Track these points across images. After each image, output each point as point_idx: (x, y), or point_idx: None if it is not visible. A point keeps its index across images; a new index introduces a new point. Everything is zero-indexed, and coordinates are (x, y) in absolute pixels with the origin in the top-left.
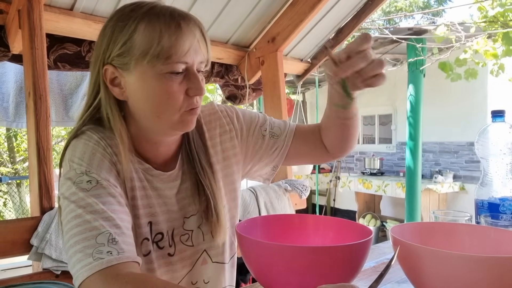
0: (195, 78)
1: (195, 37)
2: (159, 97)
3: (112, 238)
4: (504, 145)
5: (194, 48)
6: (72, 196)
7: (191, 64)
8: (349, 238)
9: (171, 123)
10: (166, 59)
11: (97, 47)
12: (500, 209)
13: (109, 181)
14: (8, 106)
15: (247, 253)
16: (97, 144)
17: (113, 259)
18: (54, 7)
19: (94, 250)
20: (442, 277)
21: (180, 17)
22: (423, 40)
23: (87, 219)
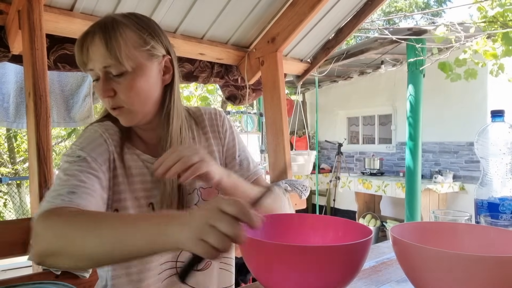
0: (99, 84)
1: (87, 50)
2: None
3: (72, 191)
4: (503, 145)
5: (91, 57)
6: (62, 166)
7: (93, 73)
8: (349, 237)
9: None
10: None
11: None
12: (500, 209)
13: (96, 160)
14: (8, 107)
15: (247, 253)
16: (100, 136)
17: (61, 203)
18: (54, 7)
19: (53, 197)
20: (442, 277)
21: (88, 32)
22: (422, 41)
23: (62, 179)
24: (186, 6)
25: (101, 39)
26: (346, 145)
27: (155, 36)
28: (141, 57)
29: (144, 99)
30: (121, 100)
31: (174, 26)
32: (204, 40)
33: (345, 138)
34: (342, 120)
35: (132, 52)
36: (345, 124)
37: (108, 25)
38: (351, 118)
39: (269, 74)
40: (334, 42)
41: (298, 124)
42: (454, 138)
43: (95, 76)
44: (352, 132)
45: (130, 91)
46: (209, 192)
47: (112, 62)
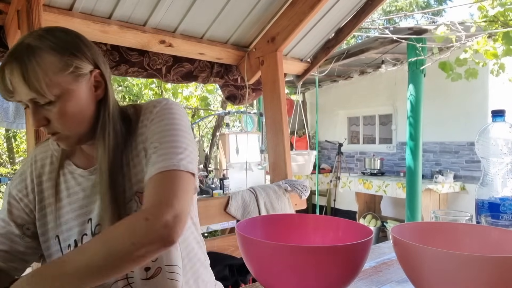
0: (31, 113)
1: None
2: None
3: None
4: (504, 145)
5: (16, 89)
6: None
7: (24, 101)
8: (349, 238)
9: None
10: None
11: None
12: (501, 209)
13: (14, 198)
14: (8, 107)
15: (247, 253)
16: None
17: None
18: (53, 7)
19: None
20: (443, 277)
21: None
22: (423, 40)
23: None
24: (185, 6)
25: (18, 73)
26: (347, 145)
27: (78, 53)
28: (66, 81)
29: (78, 122)
30: (55, 127)
31: (173, 26)
32: (203, 40)
33: (345, 138)
34: (343, 120)
35: (54, 79)
36: (345, 124)
37: (24, 55)
38: (351, 118)
39: (269, 74)
40: (334, 41)
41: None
42: (454, 138)
43: (24, 105)
44: (353, 132)
45: (62, 117)
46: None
47: (34, 95)
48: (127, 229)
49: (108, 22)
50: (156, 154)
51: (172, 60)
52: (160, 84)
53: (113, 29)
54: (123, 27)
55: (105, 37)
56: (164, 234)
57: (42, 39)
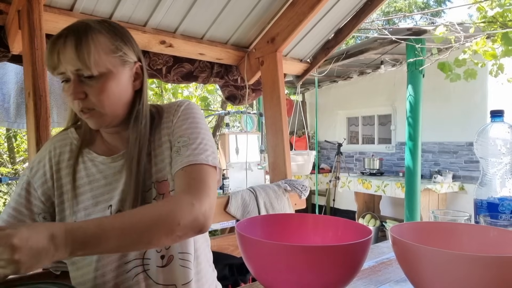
0: (69, 85)
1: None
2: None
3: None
4: (503, 145)
5: (62, 60)
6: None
7: (67, 73)
8: (348, 237)
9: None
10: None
11: None
12: (499, 209)
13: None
14: (9, 107)
15: (247, 253)
16: (50, 151)
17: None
18: (54, 7)
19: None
20: (441, 277)
21: (60, 35)
22: (422, 41)
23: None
24: (185, 6)
25: (72, 43)
26: (346, 145)
27: (127, 43)
28: (112, 63)
29: (114, 103)
30: (91, 103)
31: (173, 26)
32: (204, 40)
33: (344, 138)
34: (342, 120)
35: (102, 58)
36: (344, 124)
37: (81, 29)
38: (350, 118)
39: (269, 74)
40: (334, 42)
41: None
42: (453, 138)
43: (65, 78)
44: (352, 132)
45: (101, 94)
46: (163, 186)
47: (80, 66)
48: (177, 209)
49: None
50: (186, 148)
51: (173, 60)
52: (161, 84)
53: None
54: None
55: None
56: (202, 222)
57: (100, 23)
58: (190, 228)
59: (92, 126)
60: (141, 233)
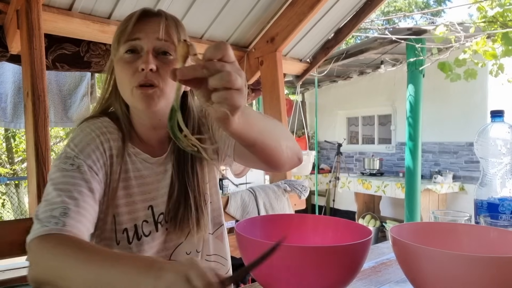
0: (145, 54)
1: (147, 23)
2: (118, 76)
3: (65, 213)
4: (503, 145)
5: (152, 33)
6: (52, 175)
7: (144, 44)
8: (348, 238)
9: (128, 99)
10: (122, 44)
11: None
12: (500, 209)
13: (91, 168)
14: (6, 107)
15: (247, 253)
16: (97, 136)
17: (54, 228)
18: (53, 7)
19: (46, 220)
20: (442, 277)
21: (142, 11)
22: (422, 40)
23: (52, 195)
24: (185, 6)
25: (167, 19)
26: (346, 145)
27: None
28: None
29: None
30: (158, 77)
31: None
32: (203, 40)
33: (344, 138)
34: (342, 120)
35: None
36: (344, 124)
37: (171, 15)
38: (350, 118)
39: (269, 74)
40: (334, 42)
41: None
42: (453, 138)
43: (134, 47)
44: (352, 132)
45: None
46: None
47: (168, 42)
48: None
49: (107, 22)
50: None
51: None
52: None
53: (112, 29)
54: None
55: (105, 37)
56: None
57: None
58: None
59: (145, 106)
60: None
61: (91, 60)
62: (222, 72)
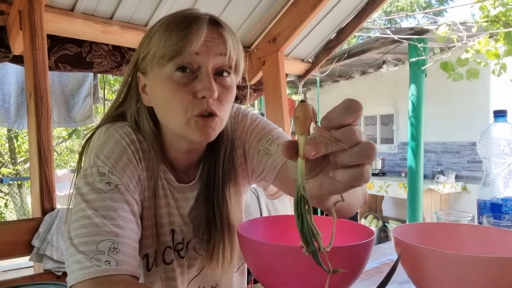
0: (206, 77)
1: (202, 34)
2: (166, 98)
3: (114, 248)
4: (506, 145)
5: (208, 46)
6: (87, 195)
7: (203, 63)
8: (350, 238)
9: (180, 128)
10: (171, 58)
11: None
12: (503, 209)
13: (128, 187)
14: (9, 107)
15: (248, 254)
16: (128, 146)
17: (109, 269)
18: (55, 8)
19: (94, 255)
20: (445, 278)
21: (193, 17)
22: (424, 40)
23: (95, 222)
24: (187, 6)
25: (225, 32)
26: None
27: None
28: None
29: (228, 112)
30: (219, 106)
31: None
32: None
33: None
34: None
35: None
36: None
37: (219, 21)
38: None
39: (270, 74)
40: (336, 42)
41: None
42: (456, 138)
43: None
44: None
45: (230, 96)
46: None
47: (232, 59)
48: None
49: (109, 22)
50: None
51: None
52: None
53: (114, 30)
54: (125, 27)
55: (107, 37)
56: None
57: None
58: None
59: (201, 137)
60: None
61: (94, 60)
62: (360, 144)
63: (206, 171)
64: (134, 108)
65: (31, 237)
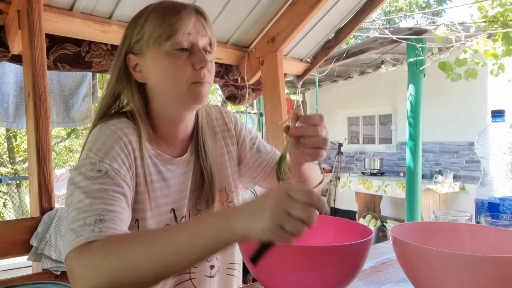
0: (200, 52)
1: (191, 19)
2: (167, 72)
3: (100, 219)
4: (504, 145)
5: (196, 28)
6: (80, 183)
7: (194, 41)
8: (349, 238)
9: (181, 95)
10: (168, 38)
11: (121, 40)
12: (500, 209)
13: (119, 172)
14: (8, 107)
15: (248, 253)
16: (120, 138)
17: (92, 236)
18: (54, 7)
19: (81, 229)
20: (442, 277)
21: (181, 5)
22: (423, 40)
23: (85, 203)
24: None
25: (202, 18)
26: (346, 145)
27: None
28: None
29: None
30: (209, 75)
31: None
32: None
33: (345, 138)
34: (342, 120)
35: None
36: (345, 124)
37: (198, 8)
38: (351, 118)
39: (269, 74)
40: (334, 42)
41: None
42: (454, 138)
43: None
44: (352, 132)
45: (212, 65)
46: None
47: (212, 40)
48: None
49: (108, 22)
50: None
51: None
52: None
53: (113, 29)
54: (124, 27)
55: (106, 37)
56: None
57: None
58: None
59: (197, 100)
60: None
61: (92, 60)
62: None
63: (196, 144)
64: (126, 87)
65: (30, 237)
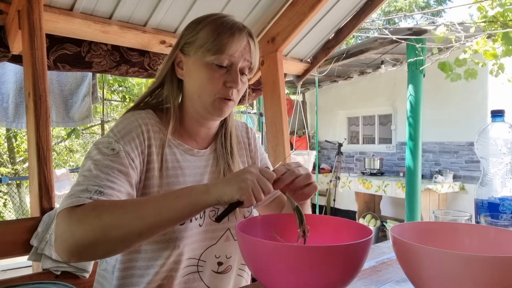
0: (235, 73)
1: (242, 44)
2: (202, 80)
3: (100, 191)
4: (504, 145)
5: (241, 52)
6: (94, 156)
7: (235, 62)
8: (349, 237)
9: (206, 104)
10: (214, 53)
11: (179, 37)
12: (500, 209)
13: (129, 154)
14: (8, 107)
15: (247, 253)
16: (139, 125)
17: (86, 200)
18: (54, 7)
19: (81, 193)
20: (442, 277)
21: (236, 27)
22: (422, 40)
23: (93, 174)
24: (186, 6)
25: (252, 43)
26: (346, 145)
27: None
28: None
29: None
30: (237, 94)
31: (174, 26)
32: None
33: (345, 138)
34: (342, 120)
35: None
36: (345, 124)
37: (251, 33)
38: (351, 118)
39: (269, 74)
40: (334, 42)
41: (298, 124)
42: (454, 138)
43: (225, 64)
44: (352, 132)
45: (243, 88)
46: None
47: (252, 65)
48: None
49: (108, 22)
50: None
51: None
52: None
53: (113, 29)
54: (124, 27)
55: (106, 37)
56: None
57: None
58: None
59: (219, 114)
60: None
61: (92, 60)
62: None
63: (218, 142)
64: (169, 79)
65: (30, 237)
